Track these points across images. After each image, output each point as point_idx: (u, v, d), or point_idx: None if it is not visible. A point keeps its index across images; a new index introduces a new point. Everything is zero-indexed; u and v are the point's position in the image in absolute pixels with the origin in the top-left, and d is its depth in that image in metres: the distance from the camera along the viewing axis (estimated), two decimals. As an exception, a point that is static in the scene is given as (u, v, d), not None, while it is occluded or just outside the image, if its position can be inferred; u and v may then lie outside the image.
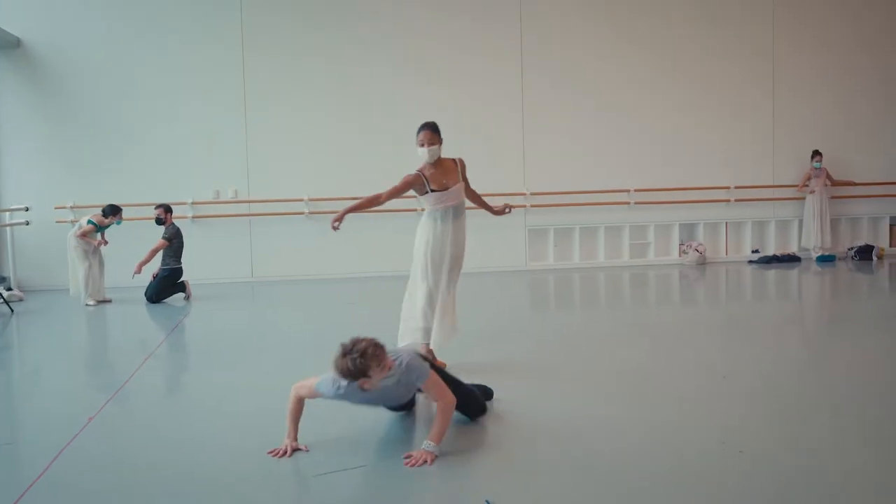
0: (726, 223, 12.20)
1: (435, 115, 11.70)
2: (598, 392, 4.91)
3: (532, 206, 11.66)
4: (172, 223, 9.68)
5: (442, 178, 5.39)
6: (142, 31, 10.95)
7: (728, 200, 12.09)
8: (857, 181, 12.33)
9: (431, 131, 5.38)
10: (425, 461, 3.65)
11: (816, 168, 11.97)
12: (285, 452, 3.80)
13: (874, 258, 12.10)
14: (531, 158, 11.64)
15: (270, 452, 3.82)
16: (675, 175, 11.89)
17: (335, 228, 5.30)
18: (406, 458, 3.69)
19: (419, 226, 5.54)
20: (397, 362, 3.74)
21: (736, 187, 12.10)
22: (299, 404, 3.92)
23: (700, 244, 11.93)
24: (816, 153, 11.99)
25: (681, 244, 12.09)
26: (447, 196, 5.39)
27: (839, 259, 12.16)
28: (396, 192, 5.37)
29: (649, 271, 11.37)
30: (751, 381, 5.13)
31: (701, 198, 12.01)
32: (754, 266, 11.74)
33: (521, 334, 6.98)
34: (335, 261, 11.15)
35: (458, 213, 5.46)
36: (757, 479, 3.44)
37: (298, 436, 3.89)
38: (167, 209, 9.73)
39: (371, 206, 5.41)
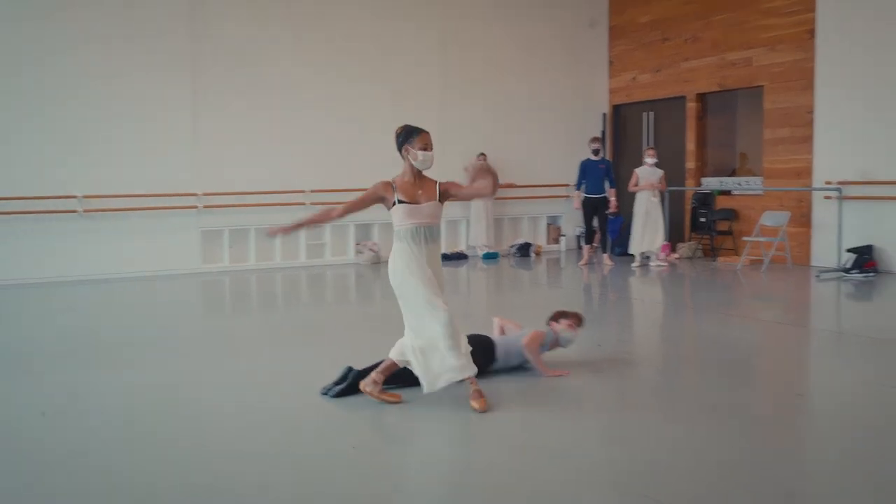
0: (400, 223, 12.71)
1: (93, 110, 11.00)
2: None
3: (205, 206, 11.44)
4: None
5: (417, 190, 4.74)
6: None
7: (402, 201, 12.63)
8: (517, 184, 13.42)
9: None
10: None
11: (483, 169, 12.86)
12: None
13: (532, 255, 13.23)
14: (203, 158, 11.40)
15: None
16: (349, 176, 12.00)
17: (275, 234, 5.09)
18: None
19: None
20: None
21: (408, 189, 12.66)
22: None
23: (374, 244, 12.34)
24: (482, 154, 12.86)
25: (356, 244, 12.42)
26: (418, 211, 4.71)
27: (502, 256, 13.15)
28: (356, 206, 4.79)
29: (327, 271, 11.60)
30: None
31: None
32: (426, 264, 12.37)
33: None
34: None
35: (431, 234, 4.74)
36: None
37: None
38: None
39: (325, 221, 5.08)
